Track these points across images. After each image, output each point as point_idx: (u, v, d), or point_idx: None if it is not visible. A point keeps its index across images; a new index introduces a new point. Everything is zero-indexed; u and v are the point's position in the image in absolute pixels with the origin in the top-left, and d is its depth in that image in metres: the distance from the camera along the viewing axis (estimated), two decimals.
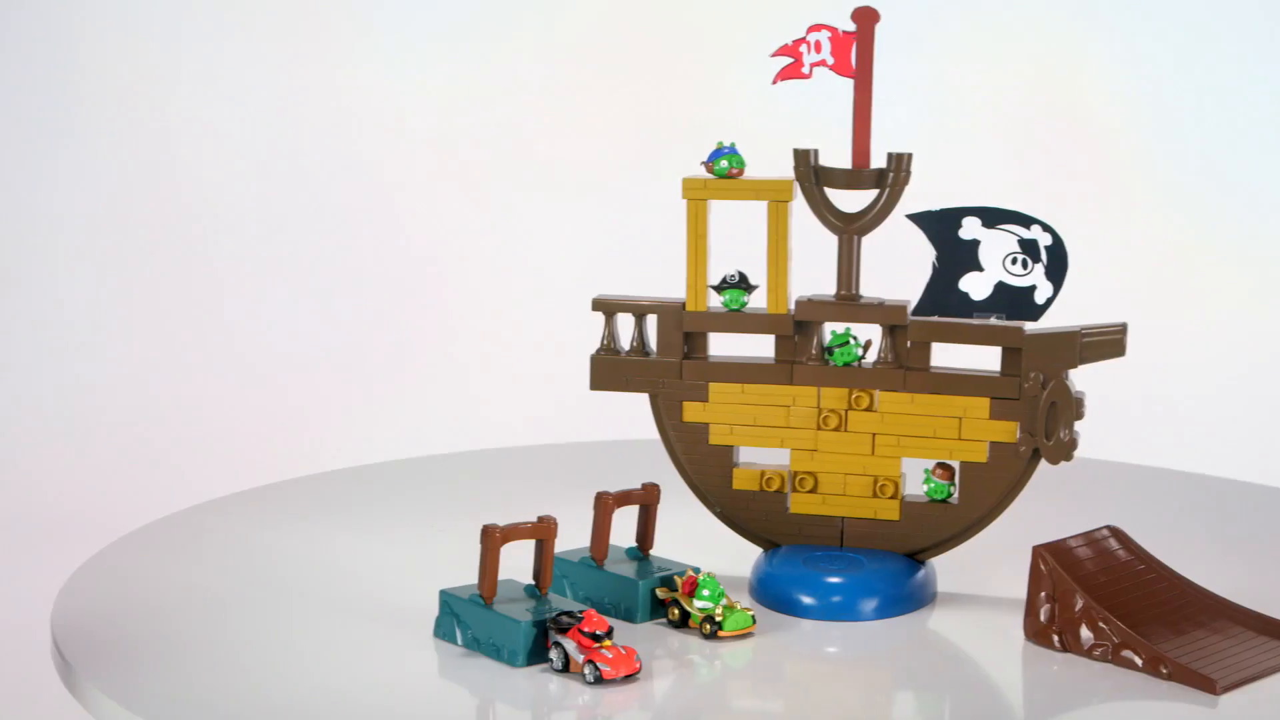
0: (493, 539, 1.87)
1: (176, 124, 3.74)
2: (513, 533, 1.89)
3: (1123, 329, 1.97)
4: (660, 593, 1.98)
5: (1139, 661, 1.85)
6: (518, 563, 1.94)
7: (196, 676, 1.84)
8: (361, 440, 3.51)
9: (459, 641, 1.90)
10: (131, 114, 3.74)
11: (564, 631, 1.82)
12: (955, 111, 3.67)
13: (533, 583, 1.92)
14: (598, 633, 1.81)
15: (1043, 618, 1.91)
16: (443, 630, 1.92)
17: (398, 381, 3.73)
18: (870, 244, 2.04)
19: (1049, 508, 2.23)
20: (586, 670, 1.80)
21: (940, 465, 2.05)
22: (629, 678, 1.81)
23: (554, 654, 1.83)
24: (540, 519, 1.90)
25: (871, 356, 2.04)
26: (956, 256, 1.99)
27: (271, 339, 3.74)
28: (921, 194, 2.04)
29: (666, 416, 2.09)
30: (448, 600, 1.91)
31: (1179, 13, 3.68)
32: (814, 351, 2.05)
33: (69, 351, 3.71)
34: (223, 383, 3.72)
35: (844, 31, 2.00)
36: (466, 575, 1.96)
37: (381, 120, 3.75)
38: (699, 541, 2.13)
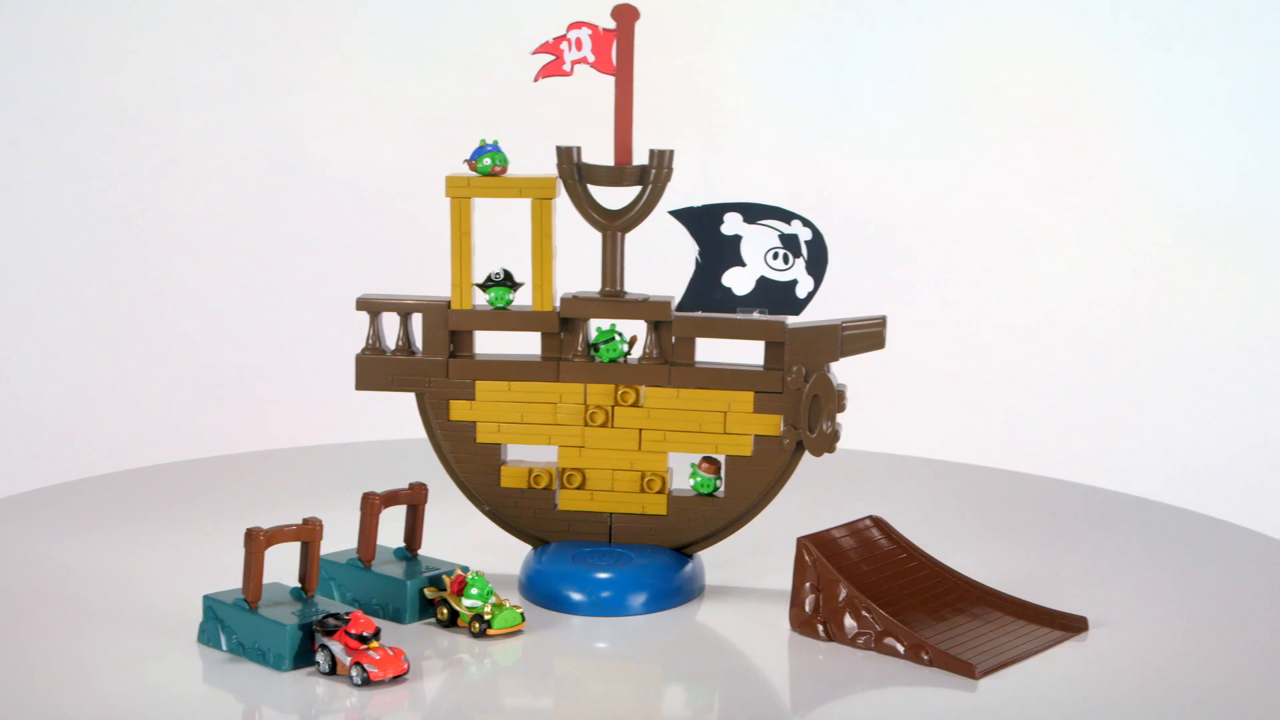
0: (257, 542, 1.85)
1: None
2: (277, 535, 1.86)
3: (882, 322, 2.01)
4: (429, 592, 1.97)
5: (901, 649, 1.88)
6: (284, 566, 1.92)
7: None
8: (122, 444, 3.44)
9: (224, 647, 1.87)
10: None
11: (330, 634, 1.81)
12: (723, 110, 3.71)
13: (299, 585, 1.90)
14: (364, 634, 1.80)
15: (808, 608, 1.94)
16: (207, 636, 1.89)
17: (161, 384, 3.66)
18: (634, 240, 2.05)
19: (813, 499, 2.26)
20: (354, 672, 1.79)
21: (706, 459, 2.07)
22: (397, 678, 1.80)
23: (320, 657, 1.81)
24: (305, 521, 1.88)
25: (637, 353, 2.05)
26: (719, 252, 2.01)
27: (29, 342, 3.65)
28: (683, 190, 2.06)
29: (434, 415, 2.08)
30: (211, 605, 1.88)
31: None
32: (580, 348, 2.05)
33: None
34: None
35: (604, 29, 2.01)
36: (231, 580, 1.93)
37: (152, 115, 3.68)
38: (468, 540, 2.13)
